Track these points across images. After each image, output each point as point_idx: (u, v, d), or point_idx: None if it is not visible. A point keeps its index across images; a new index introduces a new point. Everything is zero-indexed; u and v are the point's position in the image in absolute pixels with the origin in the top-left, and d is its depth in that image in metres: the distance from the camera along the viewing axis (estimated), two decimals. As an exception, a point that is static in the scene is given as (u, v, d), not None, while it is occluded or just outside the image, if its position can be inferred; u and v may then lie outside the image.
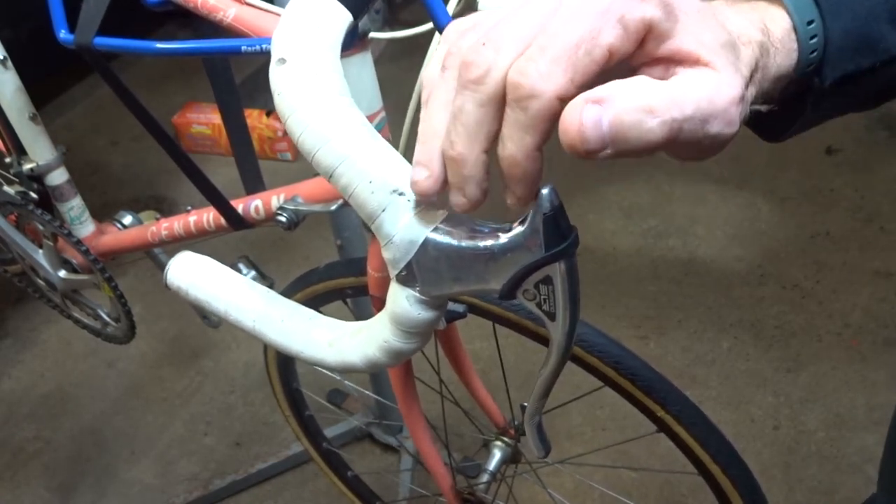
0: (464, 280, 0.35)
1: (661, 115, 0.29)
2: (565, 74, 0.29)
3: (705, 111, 0.30)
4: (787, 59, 0.37)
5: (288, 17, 0.37)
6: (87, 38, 0.79)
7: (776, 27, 0.36)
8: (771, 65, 0.36)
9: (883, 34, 0.37)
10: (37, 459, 1.68)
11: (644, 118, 0.28)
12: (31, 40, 1.54)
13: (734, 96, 0.31)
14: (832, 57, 0.37)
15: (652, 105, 0.29)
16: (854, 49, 0.37)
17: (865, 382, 1.60)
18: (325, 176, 0.35)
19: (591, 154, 0.29)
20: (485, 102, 0.30)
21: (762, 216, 2.03)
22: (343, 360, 0.41)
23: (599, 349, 0.84)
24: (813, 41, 0.37)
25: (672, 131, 0.29)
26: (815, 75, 0.38)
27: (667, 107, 0.29)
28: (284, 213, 0.87)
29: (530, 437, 0.41)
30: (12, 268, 1.31)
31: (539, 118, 0.29)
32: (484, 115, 0.30)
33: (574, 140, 0.28)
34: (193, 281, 0.45)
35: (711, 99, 0.30)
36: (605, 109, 0.28)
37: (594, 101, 0.28)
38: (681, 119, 0.29)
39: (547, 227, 0.32)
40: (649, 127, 0.29)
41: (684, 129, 0.29)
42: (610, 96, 0.28)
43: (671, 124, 0.29)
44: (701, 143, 0.31)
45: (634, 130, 0.28)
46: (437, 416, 1.12)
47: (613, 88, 0.29)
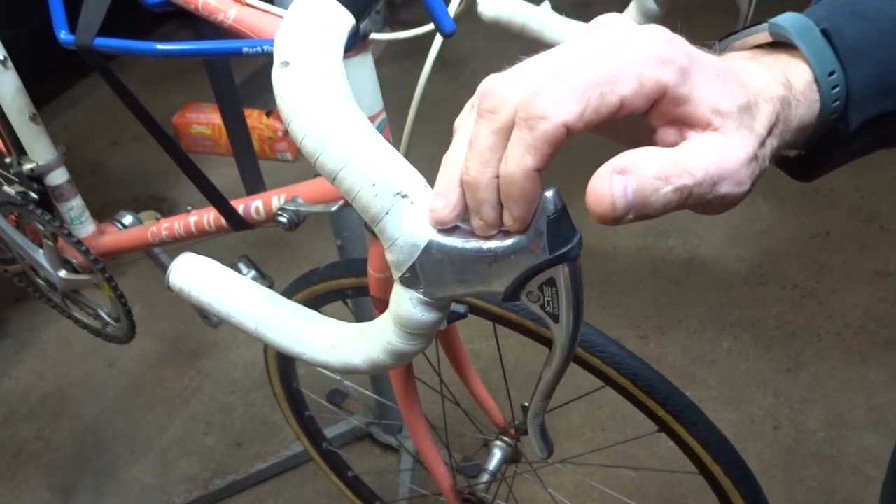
0: (467, 282, 0.35)
1: (674, 181, 0.31)
2: (577, 106, 0.30)
3: (714, 175, 0.32)
4: (809, 110, 0.37)
5: (290, 19, 0.37)
6: (88, 39, 0.78)
7: (798, 80, 0.37)
8: (793, 116, 0.37)
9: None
10: (37, 459, 1.68)
11: (660, 185, 0.31)
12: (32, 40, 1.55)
13: (743, 158, 0.32)
14: (856, 103, 0.38)
15: (666, 173, 0.31)
16: (878, 94, 0.38)
17: (865, 382, 1.61)
18: (329, 179, 0.35)
19: (617, 220, 0.31)
20: (497, 130, 0.32)
21: (762, 216, 2.03)
22: (346, 362, 0.41)
23: (600, 349, 0.84)
24: (835, 91, 0.37)
25: (683, 196, 0.31)
26: (841, 121, 0.38)
27: (679, 174, 0.31)
28: (285, 213, 0.87)
29: (533, 437, 0.41)
30: (12, 268, 1.31)
31: (543, 140, 0.30)
32: (496, 141, 0.32)
33: (606, 209, 0.30)
34: (196, 283, 0.45)
35: (720, 163, 0.32)
36: (629, 178, 0.30)
37: (619, 171, 0.30)
38: (692, 184, 0.31)
39: (551, 230, 0.32)
40: (664, 192, 0.31)
41: (694, 193, 0.31)
42: (631, 165, 0.30)
43: (682, 190, 0.31)
44: (711, 203, 0.33)
45: (653, 197, 0.31)
46: (438, 416, 1.12)
47: (632, 158, 0.31)
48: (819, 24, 0.38)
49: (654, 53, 0.31)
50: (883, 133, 0.40)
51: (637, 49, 0.31)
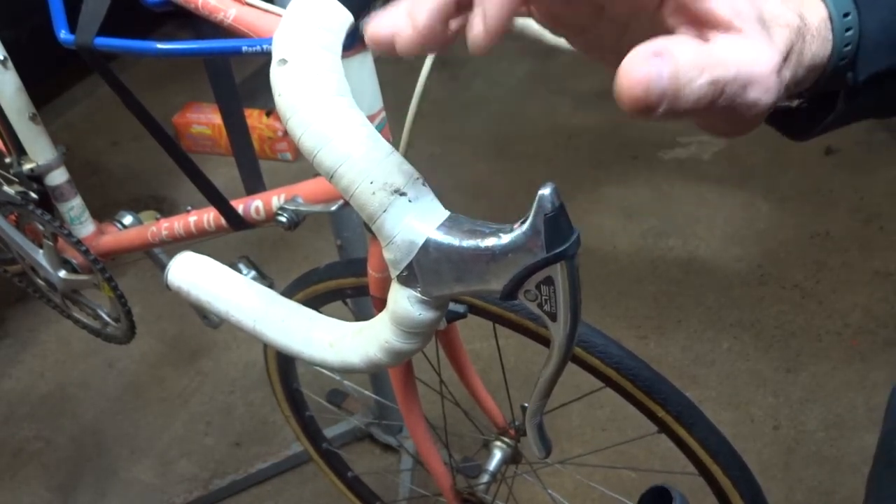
0: (465, 280, 0.35)
1: (710, 72, 0.29)
2: None
3: (746, 75, 0.30)
4: (822, 48, 0.36)
5: (289, 17, 0.37)
6: (88, 39, 0.79)
7: (812, 15, 0.36)
8: (806, 51, 0.36)
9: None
10: (37, 459, 1.68)
11: (696, 75, 0.28)
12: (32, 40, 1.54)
13: (773, 65, 0.31)
14: (867, 52, 0.37)
15: (702, 62, 0.29)
16: (890, 45, 0.37)
17: (865, 382, 1.61)
18: (327, 177, 0.35)
19: (650, 109, 0.28)
20: None
21: (762, 216, 2.03)
22: (344, 361, 0.41)
23: (600, 349, 0.84)
24: (848, 34, 0.37)
25: (716, 90, 0.29)
26: (849, 70, 0.38)
27: (714, 65, 0.29)
28: (285, 213, 0.87)
29: (531, 437, 0.41)
30: (12, 268, 1.31)
31: None
32: None
33: (641, 91, 0.27)
34: (194, 281, 0.45)
35: (751, 65, 0.30)
36: (665, 62, 0.28)
37: (655, 53, 0.28)
38: (725, 80, 0.29)
39: (548, 228, 0.32)
40: (700, 84, 0.29)
41: (727, 92, 0.29)
42: (667, 49, 0.28)
43: (717, 83, 0.29)
44: (738, 110, 0.31)
45: (687, 87, 0.28)
46: (438, 417, 1.12)
47: (668, 42, 0.28)
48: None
49: None
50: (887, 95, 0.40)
51: None
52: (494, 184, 2.22)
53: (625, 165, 2.23)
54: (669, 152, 2.26)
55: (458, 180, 2.23)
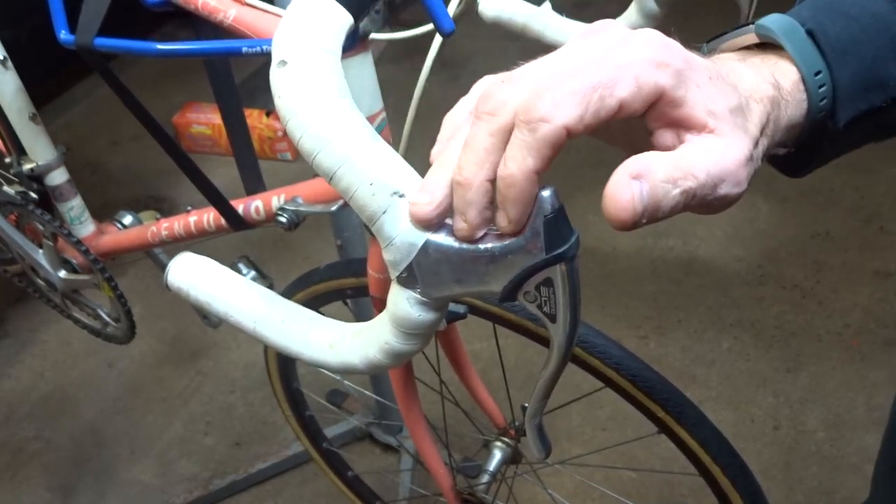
0: (464, 282, 0.35)
1: (681, 184, 0.32)
2: (577, 109, 0.30)
3: (715, 176, 0.32)
4: (797, 110, 0.38)
5: (288, 18, 0.37)
6: (88, 39, 0.79)
7: (786, 80, 0.38)
8: (782, 117, 0.37)
9: (891, 73, 0.38)
10: (37, 459, 1.68)
11: (670, 188, 0.31)
12: (31, 40, 1.54)
13: (740, 159, 0.33)
14: (843, 100, 0.38)
15: (673, 176, 0.31)
16: (864, 91, 0.38)
17: (865, 382, 1.61)
18: (326, 178, 0.35)
19: (635, 225, 0.31)
20: (495, 132, 0.32)
21: (762, 216, 2.03)
22: (344, 362, 0.41)
23: (600, 350, 0.84)
24: (822, 89, 0.38)
25: (688, 198, 0.32)
26: (829, 119, 0.39)
27: (683, 176, 0.32)
28: (285, 213, 0.87)
29: (531, 438, 0.41)
30: (12, 268, 1.31)
31: (545, 142, 0.30)
32: (493, 144, 0.32)
33: (628, 214, 0.31)
34: (194, 282, 0.45)
35: (720, 164, 0.32)
36: (643, 184, 0.31)
37: (635, 176, 0.31)
38: (695, 187, 0.32)
39: (548, 230, 0.32)
40: (673, 195, 0.31)
41: (698, 195, 0.32)
42: (645, 169, 0.31)
43: (687, 192, 0.32)
44: (712, 204, 0.33)
45: (664, 200, 0.31)
46: (438, 417, 1.12)
47: (643, 162, 0.31)
48: (804, 25, 0.38)
49: (650, 57, 0.31)
50: (871, 127, 0.41)
51: (634, 53, 0.31)
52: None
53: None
54: (669, 152, 2.26)
55: (458, 180, 2.23)
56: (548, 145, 0.30)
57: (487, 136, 0.32)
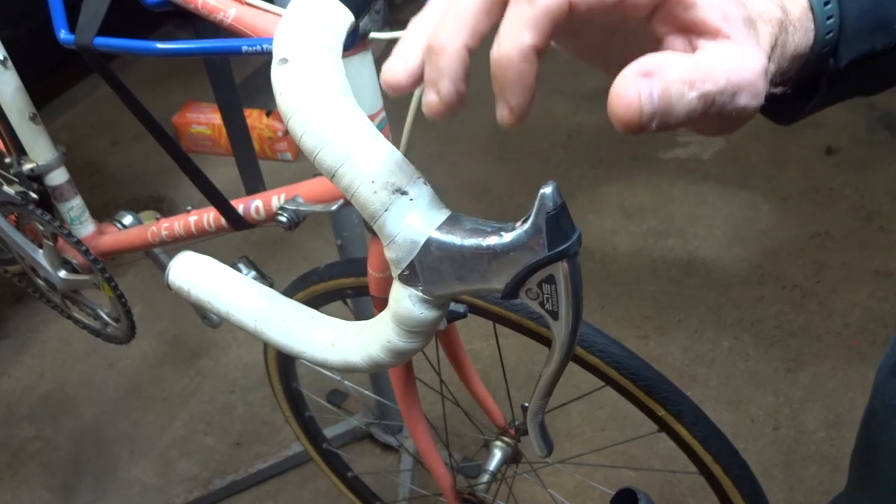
0: (466, 279, 0.35)
1: (699, 87, 0.29)
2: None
3: (734, 83, 0.30)
4: (804, 39, 0.37)
5: (289, 17, 0.37)
6: (88, 39, 0.79)
7: (794, 6, 0.37)
8: (789, 43, 0.36)
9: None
10: (37, 459, 1.68)
11: (685, 91, 0.29)
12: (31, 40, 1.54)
13: (760, 68, 0.31)
14: (847, 37, 0.38)
15: (691, 77, 0.29)
16: (869, 30, 0.38)
17: (865, 382, 1.60)
18: (328, 176, 0.35)
19: (643, 127, 0.29)
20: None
21: (762, 216, 2.03)
22: (345, 360, 0.41)
23: (600, 349, 0.84)
24: (829, 21, 0.37)
25: (706, 103, 0.30)
26: (831, 56, 0.38)
27: (702, 79, 0.29)
28: (285, 213, 0.87)
29: (532, 436, 0.41)
30: (12, 268, 1.31)
31: (545, 14, 0.28)
32: (478, 7, 0.29)
33: (633, 115, 0.28)
34: (195, 281, 0.45)
35: (739, 71, 0.31)
36: (654, 82, 0.28)
37: (644, 73, 0.28)
38: (715, 91, 0.30)
39: (550, 226, 0.32)
40: (689, 99, 0.29)
41: (717, 102, 0.30)
42: (657, 68, 0.29)
43: (706, 97, 0.30)
44: (729, 116, 0.31)
45: (678, 103, 0.29)
46: (438, 416, 1.12)
47: (657, 60, 0.29)
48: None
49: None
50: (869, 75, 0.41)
51: None
52: (494, 183, 2.22)
53: (625, 165, 2.23)
54: (669, 152, 2.26)
55: (458, 180, 2.23)
56: (548, 17, 0.27)
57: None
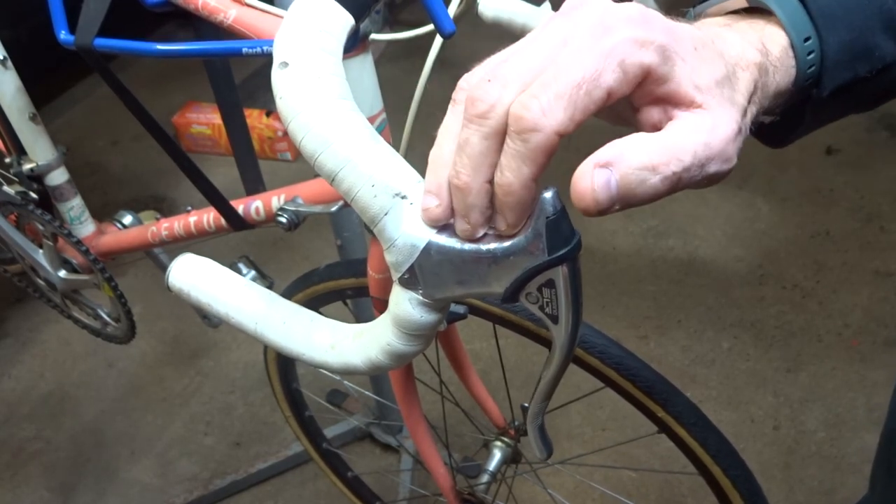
0: (466, 283, 0.35)
1: (663, 170, 0.31)
2: (566, 112, 0.30)
3: (702, 156, 0.32)
4: (785, 77, 0.38)
5: (290, 20, 0.37)
6: (88, 39, 0.79)
7: (774, 46, 0.37)
8: (770, 83, 0.37)
9: (878, 43, 0.38)
10: (37, 459, 1.68)
11: (647, 176, 0.31)
12: (31, 40, 1.54)
13: (729, 135, 0.32)
14: (829, 69, 0.38)
15: (653, 162, 0.31)
16: (850, 60, 0.38)
17: (865, 382, 1.61)
18: (328, 180, 0.35)
19: (602, 212, 0.31)
20: (488, 136, 0.31)
21: (762, 216, 2.03)
22: (345, 363, 0.41)
23: (600, 350, 0.84)
24: (810, 57, 0.38)
25: (672, 183, 0.31)
26: (814, 87, 0.39)
27: (667, 161, 0.31)
28: (285, 213, 0.87)
29: (532, 439, 0.41)
30: (12, 268, 1.31)
31: (538, 151, 0.30)
32: (487, 147, 0.32)
33: (589, 204, 0.30)
34: (195, 283, 0.45)
35: (708, 143, 0.32)
36: (613, 172, 0.30)
37: (602, 165, 0.30)
38: (680, 171, 0.31)
39: (550, 231, 0.32)
40: (652, 183, 0.31)
41: (683, 179, 0.31)
42: (615, 158, 0.30)
43: (671, 178, 0.31)
44: (700, 184, 0.33)
45: (640, 188, 0.31)
46: (438, 417, 1.12)
47: (617, 149, 0.31)
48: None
49: (631, 36, 0.30)
50: (854, 98, 0.41)
51: (614, 34, 0.30)
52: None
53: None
54: (669, 152, 2.26)
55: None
56: (541, 153, 0.30)
57: (481, 139, 0.32)
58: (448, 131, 0.34)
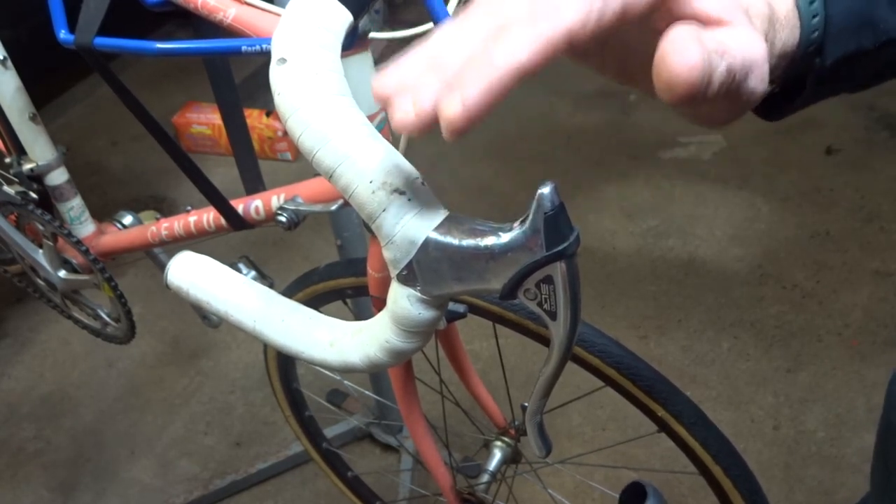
0: (465, 280, 0.35)
1: (727, 59, 0.30)
2: (581, 11, 0.28)
3: (749, 61, 0.31)
4: (790, 36, 0.37)
5: (288, 17, 0.37)
6: (88, 39, 0.79)
7: (780, 5, 0.37)
8: (777, 39, 0.37)
9: (883, 16, 0.38)
10: (37, 459, 1.68)
11: (719, 61, 0.29)
12: (31, 40, 1.54)
13: (765, 52, 0.32)
14: (833, 36, 0.38)
15: (719, 48, 0.30)
16: (855, 29, 0.38)
17: (865, 382, 1.60)
18: (326, 176, 0.35)
19: (697, 90, 0.28)
20: (493, 28, 0.29)
21: (762, 216, 2.03)
22: (344, 360, 0.41)
23: (600, 349, 0.84)
24: (815, 20, 0.37)
25: (730, 77, 0.30)
26: (817, 55, 0.39)
27: (726, 52, 0.30)
28: (284, 213, 0.87)
29: (531, 436, 0.41)
30: (12, 268, 1.31)
31: (542, 40, 0.27)
32: (488, 31, 0.29)
33: (693, 74, 0.28)
34: (194, 281, 0.45)
35: (750, 51, 0.31)
36: (704, 48, 0.29)
37: (695, 38, 0.28)
38: (736, 66, 0.30)
39: (548, 227, 0.32)
40: (721, 70, 0.30)
41: (737, 78, 0.31)
42: (699, 35, 0.29)
43: (731, 70, 0.30)
44: (739, 98, 0.32)
45: (714, 72, 0.29)
46: (438, 416, 1.12)
47: (692, 30, 0.29)
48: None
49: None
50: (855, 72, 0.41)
51: None
52: (494, 184, 2.22)
53: (625, 165, 2.23)
54: (669, 152, 2.26)
55: (458, 180, 2.23)
56: (545, 44, 0.27)
57: (483, 29, 0.29)
58: (448, 30, 0.31)
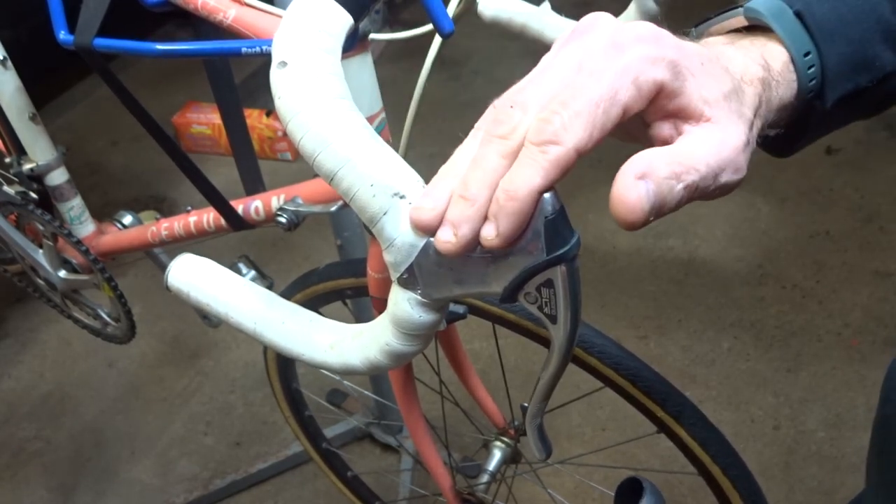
0: (465, 283, 0.35)
1: (685, 179, 0.31)
2: (585, 130, 0.30)
3: (715, 167, 0.32)
4: (788, 90, 0.38)
5: (288, 19, 0.37)
6: (87, 39, 0.79)
7: (775, 61, 0.38)
8: (774, 97, 0.38)
9: (877, 54, 0.39)
10: (37, 459, 1.68)
11: (674, 185, 0.31)
12: (31, 40, 1.54)
13: (738, 145, 0.33)
14: (831, 81, 0.39)
15: (675, 171, 0.32)
16: (851, 71, 0.39)
17: (865, 382, 1.61)
18: (327, 179, 0.35)
19: (644, 224, 0.31)
20: (506, 155, 0.32)
21: (762, 216, 2.03)
22: (344, 363, 0.41)
23: (599, 350, 0.84)
24: (811, 70, 0.38)
25: (692, 192, 0.32)
26: (817, 99, 0.40)
27: (685, 171, 0.32)
28: (284, 213, 0.87)
29: (531, 439, 0.41)
30: (12, 268, 1.31)
31: (554, 163, 0.30)
32: (503, 165, 0.32)
33: (636, 215, 0.30)
34: (194, 283, 0.45)
35: (719, 154, 0.33)
36: (649, 183, 0.31)
37: (639, 176, 0.31)
38: (697, 180, 0.32)
39: (548, 231, 0.32)
40: (677, 191, 0.32)
41: (700, 187, 0.32)
42: (647, 168, 0.31)
43: (691, 187, 0.32)
44: (714, 194, 0.34)
45: (669, 197, 0.31)
46: (437, 417, 1.12)
47: (646, 160, 0.31)
48: (792, 6, 0.39)
49: (644, 54, 0.31)
50: (858, 106, 0.42)
51: (627, 53, 0.31)
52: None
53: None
54: (669, 152, 2.26)
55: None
56: (557, 167, 0.31)
57: (498, 157, 0.32)
58: (465, 150, 0.34)
